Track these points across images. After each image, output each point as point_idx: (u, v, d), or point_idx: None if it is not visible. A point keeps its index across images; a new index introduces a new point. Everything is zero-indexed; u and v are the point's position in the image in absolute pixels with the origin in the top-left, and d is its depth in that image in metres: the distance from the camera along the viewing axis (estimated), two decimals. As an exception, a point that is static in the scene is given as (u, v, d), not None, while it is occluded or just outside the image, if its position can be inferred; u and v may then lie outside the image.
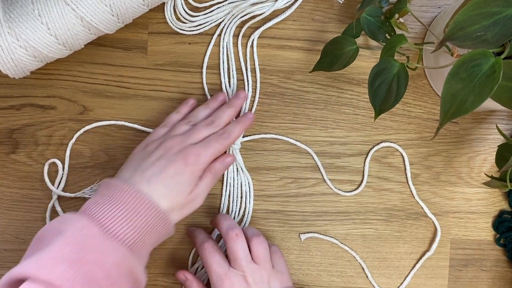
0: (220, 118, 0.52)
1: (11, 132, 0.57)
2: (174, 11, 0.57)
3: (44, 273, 0.40)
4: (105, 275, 0.42)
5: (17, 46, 0.48)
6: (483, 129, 0.58)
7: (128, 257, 0.44)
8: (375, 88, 0.46)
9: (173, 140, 0.50)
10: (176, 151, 0.49)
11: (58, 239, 0.42)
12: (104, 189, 0.47)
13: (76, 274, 0.41)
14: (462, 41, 0.39)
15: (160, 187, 0.47)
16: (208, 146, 0.50)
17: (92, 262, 0.42)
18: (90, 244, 0.43)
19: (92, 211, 0.45)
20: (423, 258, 0.58)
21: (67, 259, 0.41)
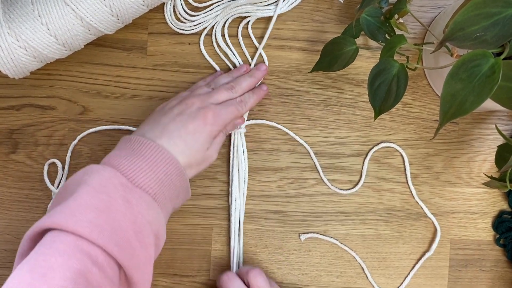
0: (239, 85, 0.54)
1: (11, 132, 0.57)
2: (173, 11, 0.57)
3: (72, 222, 0.40)
4: (131, 224, 0.43)
5: (17, 46, 0.48)
6: (483, 129, 0.58)
7: (152, 206, 0.45)
8: (374, 88, 0.46)
9: (194, 98, 0.51)
10: (197, 107, 0.50)
11: (84, 188, 0.42)
12: (124, 144, 0.48)
13: (104, 222, 0.41)
14: (461, 42, 0.39)
15: (180, 143, 0.48)
16: (227, 108, 0.52)
17: (119, 211, 0.42)
18: (117, 193, 0.43)
19: (116, 163, 0.45)
20: (423, 259, 0.58)
21: (94, 207, 0.42)
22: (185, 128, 0.49)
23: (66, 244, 0.40)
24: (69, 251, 0.39)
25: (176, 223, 0.57)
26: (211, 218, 0.58)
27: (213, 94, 0.52)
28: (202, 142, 0.49)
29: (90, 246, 0.40)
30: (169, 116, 0.50)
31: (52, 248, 0.39)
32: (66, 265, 0.39)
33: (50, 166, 0.57)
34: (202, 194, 0.58)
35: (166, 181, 0.47)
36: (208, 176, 0.58)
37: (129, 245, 0.42)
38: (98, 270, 0.40)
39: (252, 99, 0.55)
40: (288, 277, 0.58)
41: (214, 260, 0.57)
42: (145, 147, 0.47)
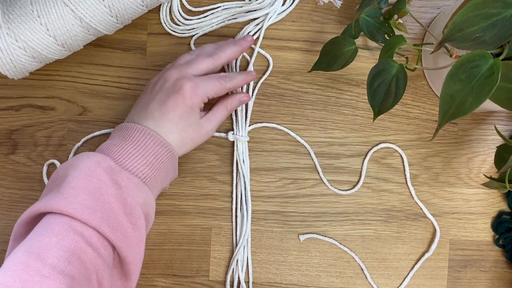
0: (223, 51, 0.51)
1: (10, 133, 0.57)
2: (169, 13, 0.57)
3: (64, 204, 0.41)
4: (121, 205, 0.43)
5: (16, 47, 0.48)
6: (482, 130, 0.58)
7: (142, 188, 0.45)
8: (374, 89, 0.46)
9: (173, 69, 0.49)
10: (174, 80, 0.48)
11: (74, 172, 0.43)
12: (116, 132, 0.48)
13: (95, 204, 0.42)
14: (461, 42, 0.39)
15: (165, 122, 0.47)
16: (207, 80, 0.49)
17: (109, 193, 0.43)
18: (106, 176, 0.44)
19: (105, 150, 0.46)
20: (422, 259, 0.58)
21: (85, 190, 0.42)
22: (165, 105, 0.47)
23: (60, 225, 0.40)
24: (63, 231, 0.40)
25: (175, 224, 0.57)
26: (210, 218, 0.57)
27: (192, 63, 0.50)
28: (186, 116, 0.48)
29: (83, 227, 0.41)
30: (150, 95, 0.49)
31: (47, 229, 0.40)
32: (60, 244, 0.39)
33: (49, 167, 0.57)
34: (202, 194, 0.58)
35: (156, 164, 0.47)
36: (207, 176, 0.58)
37: (121, 226, 0.43)
38: (92, 250, 0.41)
39: (239, 77, 0.52)
40: (287, 277, 0.58)
41: (213, 260, 0.57)
42: (134, 131, 0.47)
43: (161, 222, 0.57)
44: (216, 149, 0.57)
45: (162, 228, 0.57)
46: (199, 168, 0.57)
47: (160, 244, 0.57)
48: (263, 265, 0.58)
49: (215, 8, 0.57)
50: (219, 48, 0.52)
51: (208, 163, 0.57)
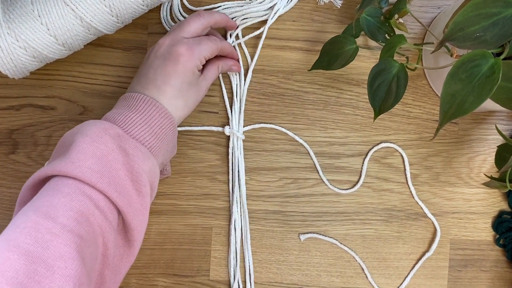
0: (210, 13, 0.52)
1: (11, 132, 0.57)
2: (170, 12, 0.57)
3: (72, 168, 0.41)
4: (128, 172, 0.44)
5: (17, 46, 0.48)
6: (483, 129, 0.58)
7: (148, 157, 0.46)
8: (374, 88, 0.46)
9: (165, 36, 0.50)
10: (168, 45, 0.49)
11: (82, 138, 0.43)
12: (120, 102, 0.49)
13: (103, 169, 0.42)
14: (461, 42, 0.39)
15: (167, 88, 0.48)
16: (201, 42, 0.50)
17: (116, 160, 0.43)
18: (114, 143, 0.44)
19: (112, 119, 0.46)
20: (423, 259, 0.58)
21: (93, 155, 0.42)
22: (164, 72, 0.48)
23: (68, 187, 0.41)
24: (72, 193, 0.41)
25: (176, 223, 0.57)
26: (211, 218, 0.57)
27: (182, 26, 0.50)
28: (187, 79, 0.49)
29: (91, 190, 0.41)
30: (148, 64, 0.49)
31: (55, 190, 0.41)
32: (69, 205, 0.40)
33: (50, 166, 0.57)
34: (202, 194, 0.58)
35: (160, 134, 0.47)
36: (208, 176, 0.58)
37: (127, 192, 0.43)
38: (100, 213, 0.41)
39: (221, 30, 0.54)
40: (288, 277, 0.58)
41: (214, 260, 0.57)
42: (139, 101, 0.47)
43: (162, 221, 0.57)
44: (216, 148, 0.57)
45: (162, 228, 0.57)
46: (199, 168, 0.57)
47: (160, 243, 0.57)
48: (263, 264, 0.58)
49: (216, 7, 0.57)
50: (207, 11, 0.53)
51: (208, 162, 0.57)
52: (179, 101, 0.49)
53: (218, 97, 0.58)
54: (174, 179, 0.57)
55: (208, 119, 0.58)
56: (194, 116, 0.57)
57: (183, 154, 0.57)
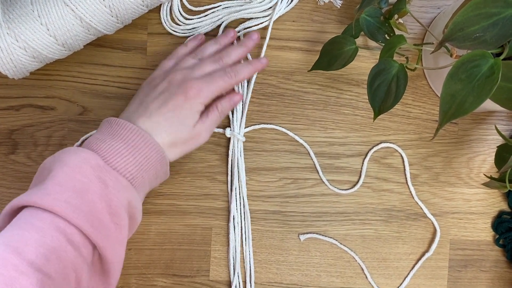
0: (228, 56, 0.52)
1: (11, 132, 0.57)
2: (170, 13, 0.57)
3: (49, 200, 0.40)
4: (106, 205, 0.43)
5: (17, 46, 0.48)
6: (482, 129, 0.58)
7: (129, 189, 0.45)
8: (374, 88, 0.46)
9: (177, 73, 0.50)
10: (178, 83, 0.49)
11: (61, 168, 0.42)
12: (105, 127, 0.47)
13: (80, 203, 0.41)
14: (461, 42, 0.39)
15: (161, 121, 0.47)
16: (211, 81, 0.49)
17: (95, 192, 0.42)
18: (93, 174, 0.43)
19: (94, 146, 0.45)
20: (423, 259, 0.58)
21: (71, 187, 0.41)
22: (165, 105, 0.48)
23: (42, 221, 0.40)
24: (45, 227, 0.39)
25: (175, 224, 0.57)
26: (210, 218, 0.57)
27: (197, 68, 0.50)
28: (184, 117, 0.48)
29: (66, 225, 0.40)
30: (152, 95, 0.49)
31: (28, 223, 0.40)
32: (41, 241, 0.39)
33: (49, 167, 0.57)
34: (202, 194, 0.58)
35: (145, 165, 0.46)
36: (207, 176, 0.58)
37: (104, 226, 0.42)
38: (73, 249, 0.40)
39: (245, 70, 0.51)
40: (287, 277, 0.58)
41: (213, 260, 0.57)
42: (125, 130, 0.46)
43: (162, 222, 0.57)
44: (216, 149, 0.57)
45: (162, 228, 0.57)
46: (199, 168, 0.57)
47: (160, 244, 0.57)
48: (263, 264, 0.58)
49: (216, 7, 0.57)
50: (225, 52, 0.52)
51: (208, 163, 0.57)
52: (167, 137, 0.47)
53: (218, 97, 0.57)
54: (173, 179, 0.57)
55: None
56: (194, 116, 0.57)
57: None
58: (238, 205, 0.57)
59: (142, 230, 0.57)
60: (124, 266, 0.57)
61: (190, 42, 0.55)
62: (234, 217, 0.57)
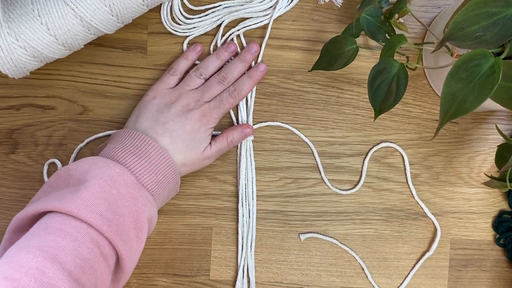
0: (231, 75, 0.54)
1: (11, 132, 0.57)
2: (170, 12, 0.57)
3: (85, 211, 0.41)
4: (134, 220, 0.45)
5: (17, 46, 0.48)
6: (483, 129, 0.58)
7: (153, 206, 0.48)
8: (374, 88, 0.46)
9: (189, 97, 0.52)
10: (193, 109, 0.52)
11: (95, 180, 0.44)
12: (128, 138, 0.49)
13: (113, 216, 0.43)
14: (461, 41, 0.39)
15: (179, 142, 0.50)
16: (220, 106, 0.53)
17: (126, 207, 0.44)
18: (126, 190, 0.45)
19: (123, 160, 0.47)
20: (423, 258, 0.58)
21: (105, 200, 0.43)
22: (183, 128, 0.51)
23: (77, 231, 0.41)
24: (81, 238, 0.41)
25: (176, 223, 0.57)
26: (211, 218, 0.57)
27: (206, 91, 0.53)
28: (198, 141, 0.52)
29: (99, 237, 0.42)
30: (167, 115, 0.51)
31: (62, 231, 0.40)
32: (77, 251, 0.40)
33: (49, 166, 0.57)
34: (202, 194, 0.58)
35: (163, 183, 0.49)
36: (208, 176, 0.57)
37: (129, 239, 0.44)
38: (103, 260, 0.42)
39: (247, 85, 0.55)
40: (288, 277, 0.58)
41: (214, 260, 0.57)
42: (150, 147, 0.49)
43: (162, 221, 0.57)
44: (217, 148, 0.57)
45: (162, 228, 0.57)
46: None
47: (160, 243, 0.57)
48: (263, 264, 0.58)
49: (216, 6, 0.57)
50: (227, 71, 0.54)
51: (208, 162, 0.57)
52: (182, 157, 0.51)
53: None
54: (174, 179, 0.57)
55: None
56: (194, 115, 0.57)
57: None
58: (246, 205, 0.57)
59: (142, 230, 0.57)
60: (125, 266, 0.57)
61: (189, 54, 0.56)
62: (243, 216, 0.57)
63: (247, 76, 0.55)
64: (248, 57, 0.55)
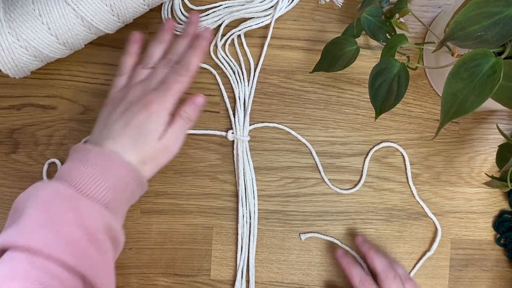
0: (175, 54, 0.50)
1: (12, 132, 0.57)
2: (171, 12, 0.57)
3: (25, 239, 0.40)
4: (84, 233, 0.42)
5: (18, 46, 0.48)
6: (484, 129, 0.58)
7: (105, 214, 0.44)
8: (375, 88, 0.46)
9: (135, 90, 0.48)
10: (138, 100, 0.47)
11: (33, 204, 0.42)
12: (74, 154, 0.46)
13: (57, 236, 0.41)
14: (462, 41, 0.39)
15: (125, 140, 0.46)
16: (167, 88, 0.48)
17: (70, 223, 0.42)
18: (66, 205, 0.42)
19: (65, 176, 0.44)
20: (424, 258, 0.58)
21: (45, 223, 0.41)
22: (128, 125, 0.46)
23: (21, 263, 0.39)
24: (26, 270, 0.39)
25: (176, 223, 0.57)
26: (211, 217, 0.57)
27: (152, 78, 0.49)
28: (148, 132, 0.47)
29: (46, 261, 0.40)
30: (114, 116, 0.48)
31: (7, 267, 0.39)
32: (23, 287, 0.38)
33: (50, 166, 0.57)
34: (203, 194, 0.58)
35: (120, 185, 0.45)
36: (208, 176, 0.57)
37: (87, 254, 0.42)
38: (59, 283, 0.40)
39: (194, 59, 0.49)
40: (288, 276, 0.58)
41: (214, 259, 0.57)
42: (93, 154, 0.45)
43: (162, 221, 0.57)
44: (217, 148, 0.57)
45: (163, 228, 0.57)
46: (200, 167, 0.57)
47: (161, 243, 0.57)
48: (264, 264, 0.58)
49: (217, 6, 0.57)
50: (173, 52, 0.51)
51: (209, 162, 0.57)
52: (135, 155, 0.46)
53: (218, 96, 0.58)
54: (174, 178, 0.57)
55: (209, 118, 0.57)
56: (195, 115, 0.57)
57: (184, 153, 0.57)
58: (246, 205, 0.57)
59: (143, 230, 0.57)
60: (125, 266, 0.57)
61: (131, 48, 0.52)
62: (244, 216, 0.57)
63: (191, 48, 0.50)
64: (189, 29, 0.52)
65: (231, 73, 0.57)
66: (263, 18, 0.57)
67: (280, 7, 0.56)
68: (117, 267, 0.56)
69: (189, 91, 0.57)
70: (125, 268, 0.57)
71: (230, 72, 0.57)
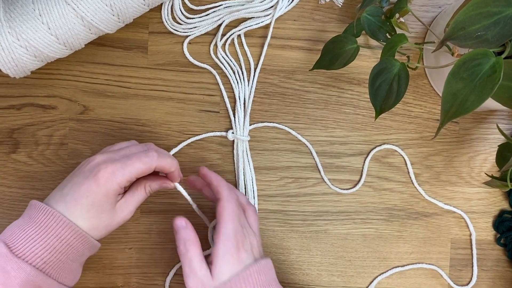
0: (161, 158, 0.47)
1: (12, 131, 0.57)
2: (171, 12, 0.57)
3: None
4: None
5: (18, 45, 0.48)
6: (484, 128, 0.58)
7: (35, 276, 0.43)
8: (375, 87, 0.46)
9: (102, 154, 0.47)
10: (93, 164, 0.45)
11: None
12: (27, 210, 0.46)
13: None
14: (462, 41, 0.39)
15: (76, 207, 0.44)
16: (127, 163, 0.45)
17: None
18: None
19: (8, 233, 0.44)
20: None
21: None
22: (78, 190, 0.44)
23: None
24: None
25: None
26: (211, 217, 0.57)
27: (123, 150, 0.47)
28: (99, 203, 0.45)
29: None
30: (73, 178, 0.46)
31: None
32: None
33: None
34: (203, 193, 0.58)
35: (60, 246, 0.44)
36: (208, 175, 0.58)
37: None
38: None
39: (168, 160, 0.47)
40: (288, 276, 0.58)
41: (214, 259, 0.57)
42: (39, 213, 0.44)
43: (163, 221, 0.57)
44: (218, 148, 0.57)
45: (163, 227, 0.57)
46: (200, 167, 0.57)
47: (161, 243, 0.57)
48: (264, 264, 0.58)
49: (217, 6, 0.57)
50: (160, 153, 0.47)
51: (209, 162, 0.57)
52: (86, 223, 0.44)
53: (218, 96, 0.58)
54: (175, 178, 0.57)
55: (209, 118, 0.57)
56: (194, 115, 0.57)
57: (184, 153, 0.57)
58: None
59: (143, 230, 0.57)
60: (126, 266, 0.57)
61: None
62: None
63: (171, 159, 0.48)
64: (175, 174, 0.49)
65: (231, 73, 0.57)
66: (263, 18, 0.57)
67: (280, 7, 0.57)
68: (117, 267, 0.57)
69: (189, 91, 0.57)
70: (125, 268, 0.57)
71: (230, 72, 0.57)
